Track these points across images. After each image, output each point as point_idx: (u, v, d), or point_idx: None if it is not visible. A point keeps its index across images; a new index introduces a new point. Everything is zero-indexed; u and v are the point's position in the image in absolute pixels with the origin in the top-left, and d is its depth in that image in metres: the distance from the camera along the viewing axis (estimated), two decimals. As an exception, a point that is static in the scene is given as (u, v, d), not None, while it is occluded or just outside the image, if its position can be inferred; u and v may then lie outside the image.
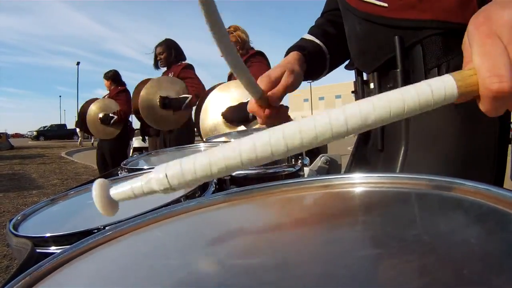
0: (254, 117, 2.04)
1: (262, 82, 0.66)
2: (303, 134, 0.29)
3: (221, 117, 2.10)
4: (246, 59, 2.35)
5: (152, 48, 3.21)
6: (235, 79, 2.39)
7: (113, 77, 4.13)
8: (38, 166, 8.63)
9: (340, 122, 0.29)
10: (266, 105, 0.65)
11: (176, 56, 3.15)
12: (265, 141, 0.29)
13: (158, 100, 2.80)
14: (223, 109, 2.10)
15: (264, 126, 0.68)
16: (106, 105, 3.92)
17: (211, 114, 2.13)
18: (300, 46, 0.79)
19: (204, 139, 1.44)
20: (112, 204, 0.32)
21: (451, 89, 0.30)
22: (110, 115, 3.82)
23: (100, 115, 3.82)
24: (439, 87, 0.29)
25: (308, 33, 0.86)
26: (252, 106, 0.66)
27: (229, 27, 2.42)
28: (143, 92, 2.81)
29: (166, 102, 2.81)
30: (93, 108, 3.87)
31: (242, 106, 2.04)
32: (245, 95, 2.04)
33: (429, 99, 0.29)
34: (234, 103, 2.07)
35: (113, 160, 4.00)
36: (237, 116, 2.05)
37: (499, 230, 0.28)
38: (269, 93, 0.65)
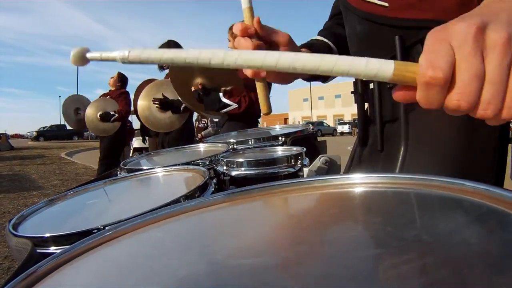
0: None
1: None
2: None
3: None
4: None
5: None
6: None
7: (121, 79, 4.17)
8: (38, 166, 8.62)
9: (275, 56, 0.34)
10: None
11: None
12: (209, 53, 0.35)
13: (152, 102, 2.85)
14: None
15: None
16: (104, 104, 4.02)
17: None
18: (308, 44, 0.79)
19: (203, 140, 1.44)
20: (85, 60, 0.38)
21: (386, 67, 0.32)
22: (111, 112, 3.88)
23: (100, 112, 3.88)
24: (374, 63, 0.32)
25: (317, 35, 0.87)
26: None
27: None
28: (142, 94, 2.85)
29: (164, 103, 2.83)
30: (91, 107, 3.99)
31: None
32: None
33: (361, 68, 0.33)
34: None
35: (105, 158, 4.10)
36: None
37: (499, 230, 0.28)
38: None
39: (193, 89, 2.28)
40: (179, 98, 2.57)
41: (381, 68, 0.32)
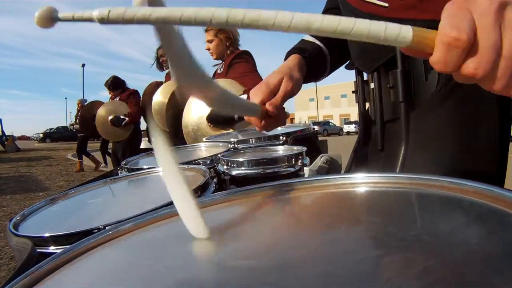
0: (240, 119, 2.05)
1: (260, 90, 0.65)
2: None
3: (206, 120, 2.12)
4: (231, 60, 2.29)
5: (154, 50, 3.22)
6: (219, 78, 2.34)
7: (112, 84, 4.08)
8: (45, 168, 8.64)
9: (287, 17, 0.31)
10: (264, 116, 0.65)
11: None
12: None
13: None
14: (207, 109, 2.12)
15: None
16: (115, 107, 3.94)
17: (194, 114, 2.16)
18: (301, 49, 0.78)
19: (204, 139, 1.44)
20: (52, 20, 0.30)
21: (406, 31, 0.32)
22: (121, 117, 3.81)
23: (110, 117, 3.81)
24: (394, 27, 0.32)
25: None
26: (249, 117, 0.66)
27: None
28: (156, 96, 2.83)
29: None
30: (101, 111, 3.90)
31: None
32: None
33: (380, 32, 0.32)
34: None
35: (119, 163, 4.02)
36: (222, 119, 2.09)
37: (499, 230, 0.28)
38: (267, 104, 0.64)
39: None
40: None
41: (402, 31, 0.32)
